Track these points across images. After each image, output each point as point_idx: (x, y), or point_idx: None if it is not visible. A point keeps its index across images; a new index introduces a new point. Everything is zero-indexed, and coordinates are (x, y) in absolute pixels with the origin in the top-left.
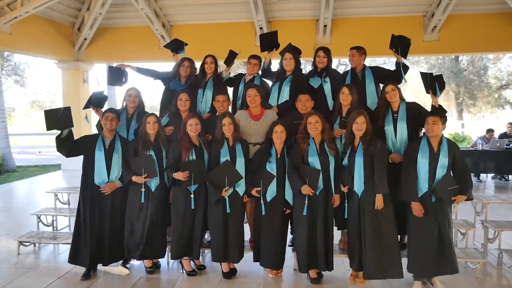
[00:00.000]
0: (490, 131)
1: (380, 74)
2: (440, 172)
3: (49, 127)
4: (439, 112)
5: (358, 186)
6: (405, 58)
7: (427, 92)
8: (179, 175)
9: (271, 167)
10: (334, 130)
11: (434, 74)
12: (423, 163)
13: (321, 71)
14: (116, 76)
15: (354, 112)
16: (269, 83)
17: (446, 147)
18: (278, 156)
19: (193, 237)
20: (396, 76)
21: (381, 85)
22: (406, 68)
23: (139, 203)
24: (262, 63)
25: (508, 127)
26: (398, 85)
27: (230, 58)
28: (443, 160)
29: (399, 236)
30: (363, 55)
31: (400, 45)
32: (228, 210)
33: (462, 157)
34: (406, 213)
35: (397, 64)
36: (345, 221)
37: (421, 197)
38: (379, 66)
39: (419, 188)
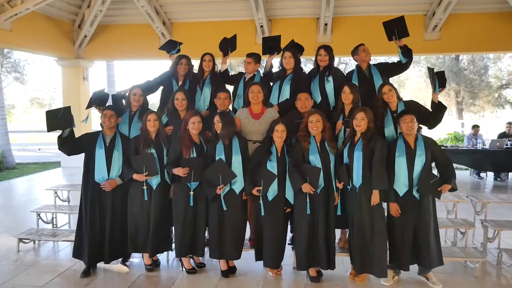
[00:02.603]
0: (475, 127)
1: (385, 68)
2: (418, 168)
3: (50, 128)
4: (439, 109)
5: (356, 180)
6: (407, 35)
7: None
8: (179, 171)
9: (272, 166)
10: (338, 122)
11: (436, 70)
12: (401, 162)
13: (323, 70)
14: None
15: (358, 108)
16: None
17: (422, 144)
18: (279, 155)
19: (196, 235)
20: (401, 64)
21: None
22: (409, 51)
23: (140, 201)
24: (264, 67)
25: (507, 127)
26: (405, 71)
27: (223, 45)
28: (421, 157)
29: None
30: (369, 51)
31: (395, 28)
32: (224, 208)
33: (442, 151)
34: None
35: (402, 49)
36: (342, 219)
37: (403, 196)
38: (381, 62)
39: (399, 187)
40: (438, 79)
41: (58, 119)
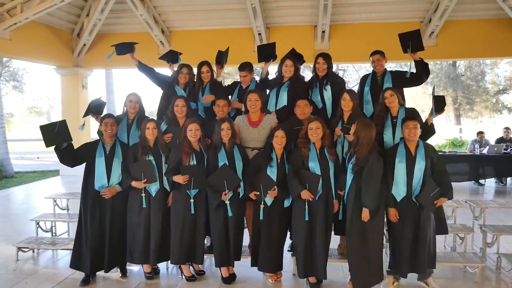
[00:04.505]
0: (480, 133)
1: (399, 77)
2: (417, 175)
3: (47, 144)
4: (428, 130)
5: (347, 192)
6: (422, 49)
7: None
8: (179, 178)
9: (272, 172)
10: (336, 129)
11: (436, 94)
12: (401, 167)
13: (321, 79)
14: (124, 48)
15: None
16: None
17: (423, 151)
18: (278, 161)
19: (195, 242)
20: (418, 77)
21: (405, 89)
22: (426, 64)
23: (139, 208)
24: (260, 74)
25: (504, 132)
26: (421, 84)
27: (219, 57)
28: (420, 163)
29: None
30: (385, 58)
31: (411, 41)
32: (230, 214)
33: (440, 160)
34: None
35: (416, 62)
36: (342, 226)
37: (401, 201)
38: (400, 70)
39: (398, 192)
40: (436, 103)
41: (56, 133)
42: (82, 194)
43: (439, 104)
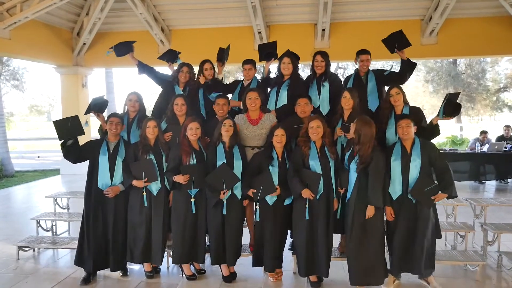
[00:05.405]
0: (483, 133)
1: (384, 76)
2: (413, 173)
3: (61, 137)
4: (433, 130)
5: (349, 192)
6: (409, 45)
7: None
8: (179, 178)
9: (274, 171)
10: (336, 129)
11: (449, 99)
12: (396, 165)
13: (319, 76)
14: (123, 48)
15: (358, 117)
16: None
17: (419, 148)
18: (279, 160)
19: (196, 241)
20: (400, 76)
21: (386, 88)
22: (412, 64)
23: (140, 208)
24: (262, 73)
25: (505, 130)
26: (402, 85)
27: (221, 54)
28: (416, 161)
29: None
30: (369, 60)
31: (396, 41)
32: (224, 212)
33: (440, 156)
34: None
35: (403, 61)
36: (342, 224)
37: (396, 200)
38: (382, 68)
39: (394, 191)
40: (446, 106)
41: (69, 127)
42: (85, 192)
43: (449, 109)
